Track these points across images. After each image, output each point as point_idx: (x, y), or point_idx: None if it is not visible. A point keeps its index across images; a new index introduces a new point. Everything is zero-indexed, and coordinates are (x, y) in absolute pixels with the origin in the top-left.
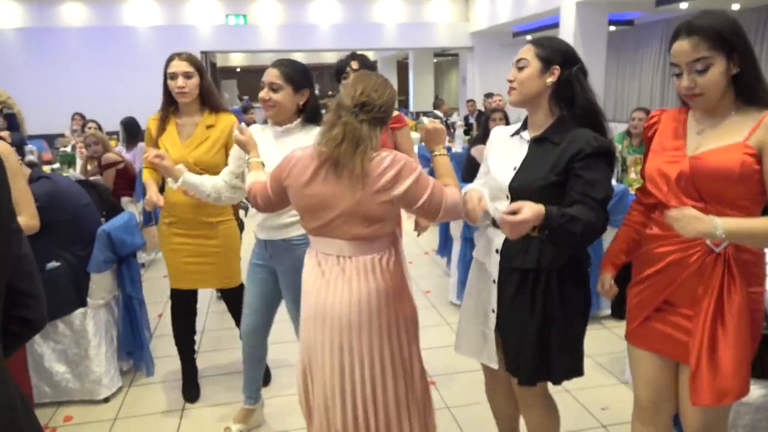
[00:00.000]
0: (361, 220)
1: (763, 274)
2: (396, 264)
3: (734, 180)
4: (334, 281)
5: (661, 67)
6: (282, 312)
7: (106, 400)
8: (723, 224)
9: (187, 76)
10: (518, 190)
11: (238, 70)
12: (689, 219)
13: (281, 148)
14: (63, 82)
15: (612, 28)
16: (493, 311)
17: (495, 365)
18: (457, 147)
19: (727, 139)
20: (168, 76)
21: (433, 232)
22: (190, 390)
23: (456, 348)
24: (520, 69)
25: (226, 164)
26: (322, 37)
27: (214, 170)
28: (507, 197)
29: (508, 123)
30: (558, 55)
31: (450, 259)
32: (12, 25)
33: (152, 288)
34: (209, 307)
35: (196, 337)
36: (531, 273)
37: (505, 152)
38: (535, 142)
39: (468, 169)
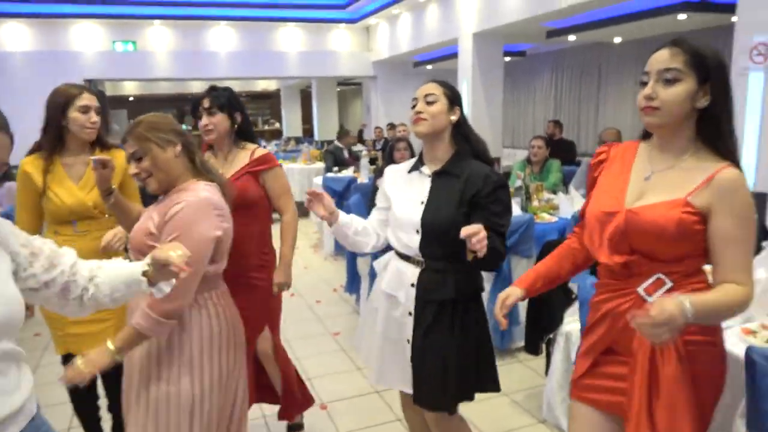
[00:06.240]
0: None
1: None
2: None
3: (668, 238)
4: None
5: (553, 95)
6: None
7: None
8: (692, 308)
9: (97, 111)
10: (430, 225)
11: (131, 99)
12: (657, 329)
13: None
14: None
15: (507, 58)
16: (408, 341)
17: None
18: (363, 177)
19: (673, 192)
20: (79, 109)
21: (341, 268)
22: None
23: (378, 380)
24: (430, 103)
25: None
26: (220, 65)
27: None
28: (417, 232)
29: (412, 152)
30: (457, 98)
31: (359, 296)
32: None
33: None
34: None
35: None
36: (449, 303)
37: (406, 188)
38: (437, 176)
39: (374, 200)
